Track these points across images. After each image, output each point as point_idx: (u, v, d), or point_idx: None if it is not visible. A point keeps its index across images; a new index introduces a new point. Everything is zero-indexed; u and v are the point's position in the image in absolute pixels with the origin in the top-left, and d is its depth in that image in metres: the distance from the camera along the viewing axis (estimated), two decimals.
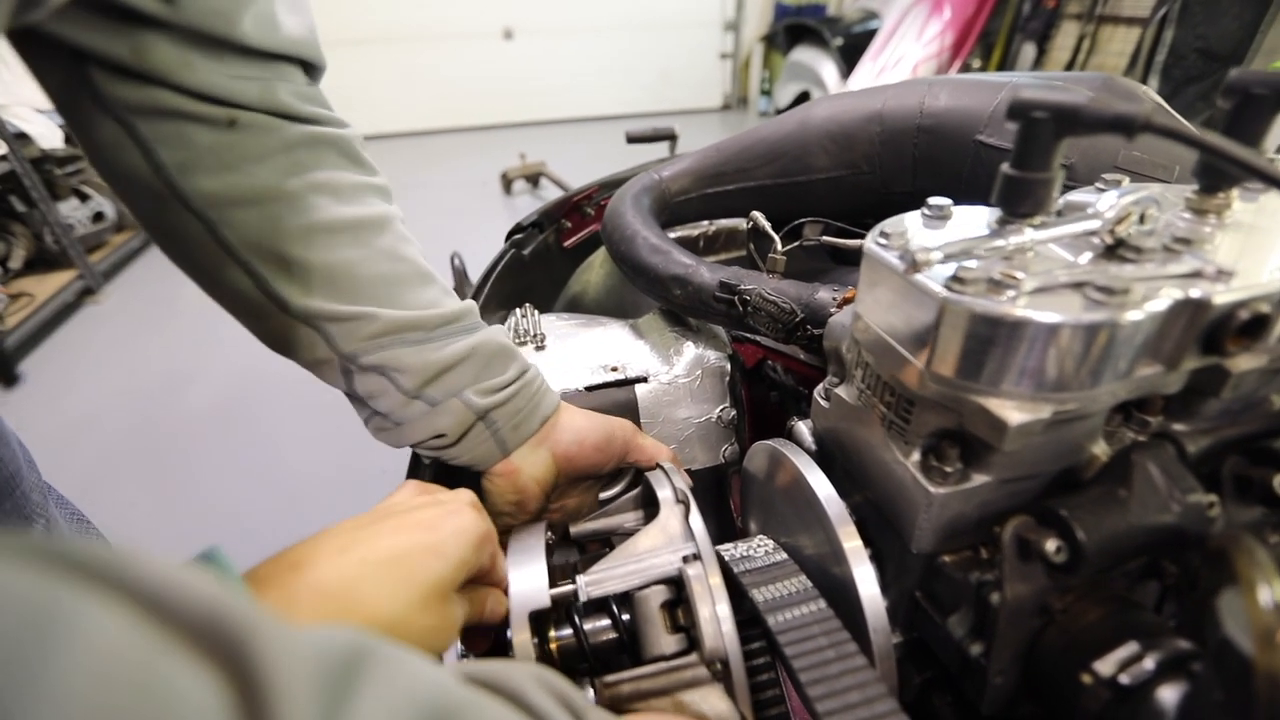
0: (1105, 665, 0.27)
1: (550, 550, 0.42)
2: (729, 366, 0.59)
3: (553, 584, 0.37)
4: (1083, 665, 0.28)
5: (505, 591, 0.38)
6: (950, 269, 0.29)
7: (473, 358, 0.45)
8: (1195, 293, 0.27)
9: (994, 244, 0.29)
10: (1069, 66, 2.71)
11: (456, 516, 0.36)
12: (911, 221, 0.35)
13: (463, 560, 0.35)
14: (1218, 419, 0.34)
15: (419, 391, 0.43)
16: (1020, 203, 0.29)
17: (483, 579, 0.40)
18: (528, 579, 0.37)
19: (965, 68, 2.91)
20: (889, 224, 0.34)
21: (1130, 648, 0.27)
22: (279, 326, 0.42)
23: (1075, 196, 0.35)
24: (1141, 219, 0.30)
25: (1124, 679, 0.26)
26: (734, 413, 0.59)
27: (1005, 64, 2.95)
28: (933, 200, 0.35)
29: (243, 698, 0.14)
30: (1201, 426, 0.33)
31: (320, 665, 0.16)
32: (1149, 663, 0.27)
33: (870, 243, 0.33)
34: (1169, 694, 0.26)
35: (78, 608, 0.13)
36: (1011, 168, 0.29)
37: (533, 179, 3.49)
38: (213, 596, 0.15)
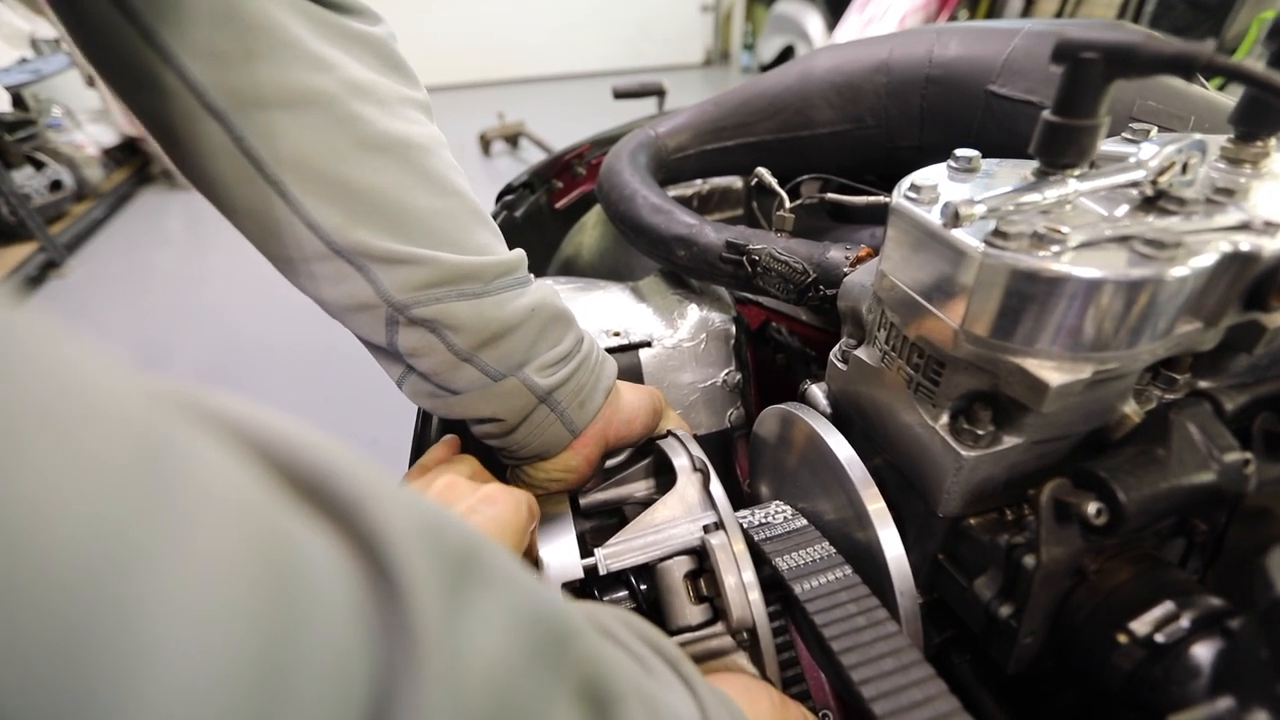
0: (1141, 625, 0.27)
1: None
2: (734, 329, 0.58)
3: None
4: (1116, 624, 0.28)
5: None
6: (987, 224, 0.28)
7: (531, 320, 0.39)
8: (1245, 246, 0.26)
9: (1038, 196, 0.27)
10: (1057, 16, 2.66)
11: (493, 508, 0.33)
12: (939, 174, 0.33)
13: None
14: (1243, 375, 0.33)
15: (471, 354, 0.38)
16: (1063, 152, 0.28)
17: None
18: (559, 551, 0.36)
19: (952, 18, 2.85)
20: (918, 177, 0.32)
21: (1166, 607, 0.27)
22: (313, 263, 0.36)
23: (1107, 147, 0.34)
24: (1184, 169, 0.29)
25: (1160, 638, 0.26)
26: (739, 376, 0.58)
27: (992, 14, 2.89)
28: (960, 151, 0.33)
29: (369, 574, 0.12)
30: (1227, 383, 0.33)
31: (440, 550, 0.14)
32: (1184, 621, 0.26)
33: (900, 198, 0.31)
34: (1203, 651, 0.26)
35: (194, 447, 0.11)
36: (1054, 114, 0.28)
37: (512, 139, 3.38)
38: (323, 448, 0.13)
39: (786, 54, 3.59)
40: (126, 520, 0.09)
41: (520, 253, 0.41)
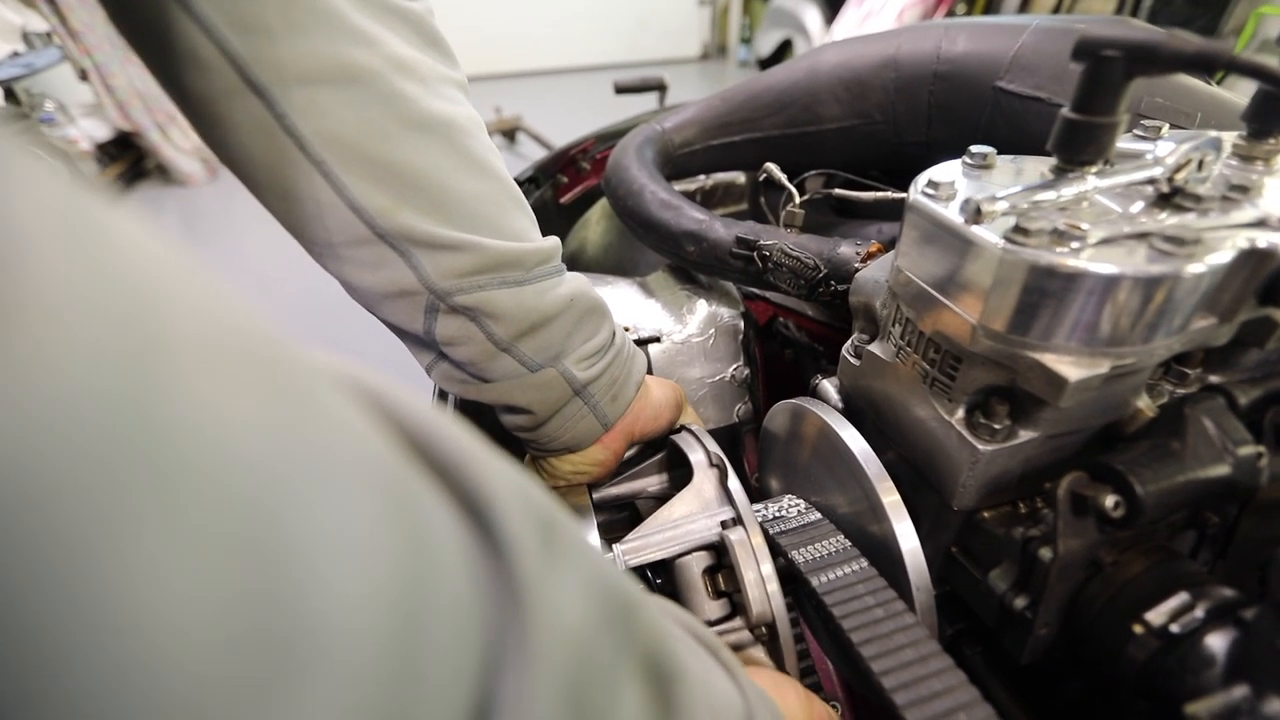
0: (1157, 615, 0.27)
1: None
2: (743, 324, 0.58)
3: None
4: (1131, 615, 0.28)
5: None
6: (1005, 220, 0.28)
7: (569, 311, 0.39)
8: (1261, 242, 0.26)
9: (1056, 193, 0.28)
10: (1055, 11, 2.66)
11: None
12: (955, 171, 0.33)
13: None
14: (1253, 369, 0.34)
15: (510, 344, 0.37)
16: (1082, 149, 0.28)
17: None
18: None
19: (950, 13, 2.85)
20: (935, 174, 0.32)
21: (1181, 598, 0.27)
22: (353, 247, 0.34)
23: (1119, 144, 0.34)
24: (1199, 166, 0.29)
25: (1175, 628, 0.27)
26: (747, 371, 0.59)
27: (990, 10, 2.89)
28: (975, 148, 0.34)
29: (475, 531, 0.13)
30: (1239, 377, 0.33)
31: (533, 513, 0.15)
32: (1199, 612, 0.27)
33: (918, 194, 0.32)
34: (1216, 640, 0.26)
35: (330, 398, 0.11)
36: (1073, 111, 0.28)
37: (509, 134, 3.36)
38: (425, 410, 0.14)
39: (784, 48, 3.59)
40: (285, 455, 0.10)
41: (555, 240, 0.40)
